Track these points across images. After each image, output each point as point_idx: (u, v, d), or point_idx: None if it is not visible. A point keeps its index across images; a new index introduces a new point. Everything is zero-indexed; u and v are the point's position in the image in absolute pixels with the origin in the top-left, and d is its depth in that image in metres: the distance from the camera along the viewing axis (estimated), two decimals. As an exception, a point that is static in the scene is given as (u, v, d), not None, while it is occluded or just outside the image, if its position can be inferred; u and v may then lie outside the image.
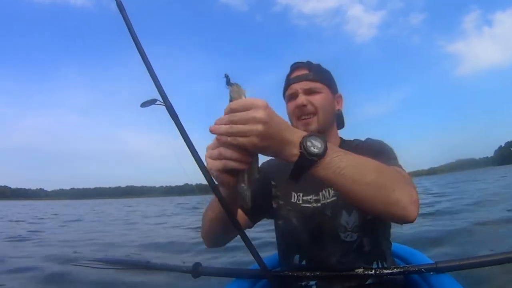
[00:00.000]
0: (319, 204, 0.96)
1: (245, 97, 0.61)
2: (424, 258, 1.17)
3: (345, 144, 1.06)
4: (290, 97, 1.02)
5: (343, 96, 1.09)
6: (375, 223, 0.93)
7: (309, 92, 0.99)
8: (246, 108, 0.58)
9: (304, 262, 0.97)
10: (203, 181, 0.69)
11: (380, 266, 0.93)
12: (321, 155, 0.61)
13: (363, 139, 1.06)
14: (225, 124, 0.59)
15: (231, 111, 0.59)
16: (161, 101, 0.69)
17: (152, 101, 0.69)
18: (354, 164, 0.65)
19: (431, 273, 0.89)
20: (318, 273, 0.90)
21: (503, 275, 1.76)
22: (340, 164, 0.63)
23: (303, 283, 0.94)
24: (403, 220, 0.70)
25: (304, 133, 0.63)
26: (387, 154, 0.93)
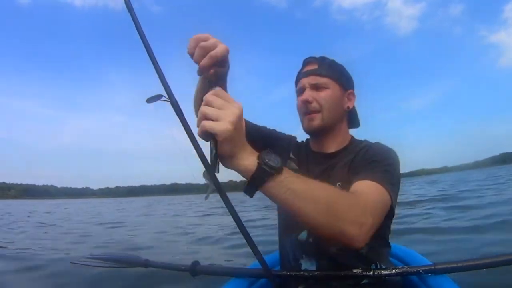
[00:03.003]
0: None
1: None
2: (422, 259, 1.17)
3: (353, 144, 1.05)
4: (298, 91, 1.03)
5: (355, 94, 1.07)
6: None
7: (315, 87, 0.99)
8: (226, 99, 0.62)
9: (304, 237, 0.96)
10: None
11: (378, 267, 0.92)
12: (278, 169, 0.63)
13: (373, 141, 1.03)
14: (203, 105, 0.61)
15: (214, 93, 0.62)
16: (166, 97, 0.69)
17: (158, 97, 0.69)
18: (305, 188, 0.66)
19: (430, 274, 0.89)
20: (317, 272, 0.90)
21: (502, 277, 1.76)
22: (292, 186, 0.65)
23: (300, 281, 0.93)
24: (348, 246, 0.70)
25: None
26: (377, 164, 0.90)
